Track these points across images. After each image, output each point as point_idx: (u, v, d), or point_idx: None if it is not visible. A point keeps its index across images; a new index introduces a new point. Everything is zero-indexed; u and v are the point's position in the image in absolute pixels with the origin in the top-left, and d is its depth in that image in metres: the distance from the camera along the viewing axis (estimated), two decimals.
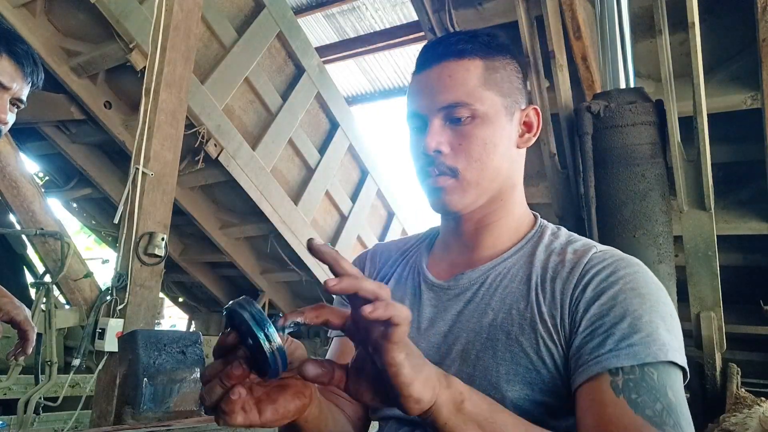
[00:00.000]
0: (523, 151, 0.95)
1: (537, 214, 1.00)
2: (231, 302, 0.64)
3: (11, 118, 1.28)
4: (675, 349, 0.75)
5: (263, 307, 5.00)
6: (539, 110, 0.96)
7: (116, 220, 2.61)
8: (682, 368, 0.76)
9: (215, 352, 0.67)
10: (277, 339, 0.62)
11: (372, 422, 1.00)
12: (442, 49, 0.89)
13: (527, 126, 0.94)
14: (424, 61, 0.90)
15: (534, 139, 0.95)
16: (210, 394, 0.64)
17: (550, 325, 0.81)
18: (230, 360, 0.64)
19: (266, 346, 0.61)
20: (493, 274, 0.90)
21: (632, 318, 0.76)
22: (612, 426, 0.70)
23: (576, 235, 0.94)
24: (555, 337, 0.80)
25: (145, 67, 2.87)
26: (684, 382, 0.78)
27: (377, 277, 1.03)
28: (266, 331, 0.61)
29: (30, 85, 1.29)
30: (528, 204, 0.99)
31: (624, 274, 0.81)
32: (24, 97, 1.28)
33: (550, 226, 0.96)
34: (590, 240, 0.92)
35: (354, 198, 5.23)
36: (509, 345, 0.82)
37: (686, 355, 0.79)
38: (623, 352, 0.74)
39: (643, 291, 0.79)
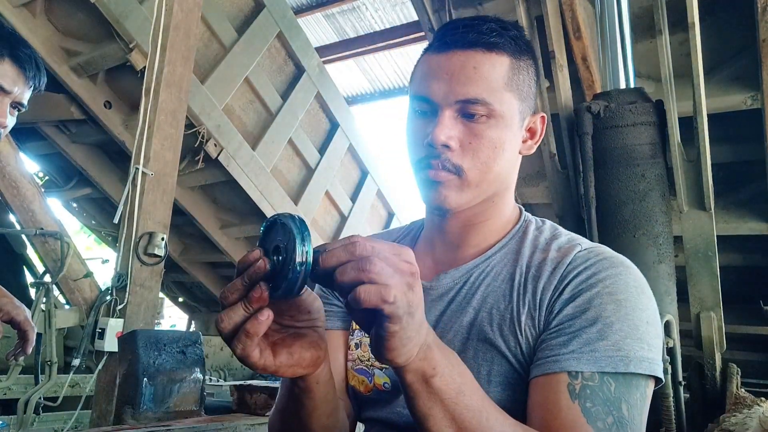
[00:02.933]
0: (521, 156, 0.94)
1: (521, 207, 0.98)
2: (279, 213, 0.64)
3: (11, 121, 1.27)
4: (642, 359, 0.74)
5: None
6: (546, 118, 0.94)
7: (116, 220, 2.61)
8: (655, 376, 0.76)
9: (239, 269, 0.64)
10: (310, 258, 0.60)
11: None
12: (473, 36, 0.82)
13: (531, 132, 0.91)
14: (450, 42, 0.83)
15: (535, 147, 0.93)
16: (231, 316, 0.61)
17: (530, 326, 0.80)
18: (251, 280, 0.62)
19: (299, 255, 0.59)
20: (476, 273, 0.88)
21: (603, 324, 0.75)
22: (561, 430, 0.70)
23: (561, 228, 0.92)
24: (533, 337, 0.79)
25: (145, 67, 2.87)
26: (659, 385, 0.77)
27: None
28: (305, 246, 0.60)
29: (32, 89, 1.29)
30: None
31: (604, 276, 0.79)
32: (25, 101, 1.28)
33: (534, 220, 0.94)
34: (576, 235, 0.90)
35: (354, 198, 5.23)
36: (487, 346, 0.82)
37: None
38: (585, 357, 0.73)
39: (621, 297, 0.77)
